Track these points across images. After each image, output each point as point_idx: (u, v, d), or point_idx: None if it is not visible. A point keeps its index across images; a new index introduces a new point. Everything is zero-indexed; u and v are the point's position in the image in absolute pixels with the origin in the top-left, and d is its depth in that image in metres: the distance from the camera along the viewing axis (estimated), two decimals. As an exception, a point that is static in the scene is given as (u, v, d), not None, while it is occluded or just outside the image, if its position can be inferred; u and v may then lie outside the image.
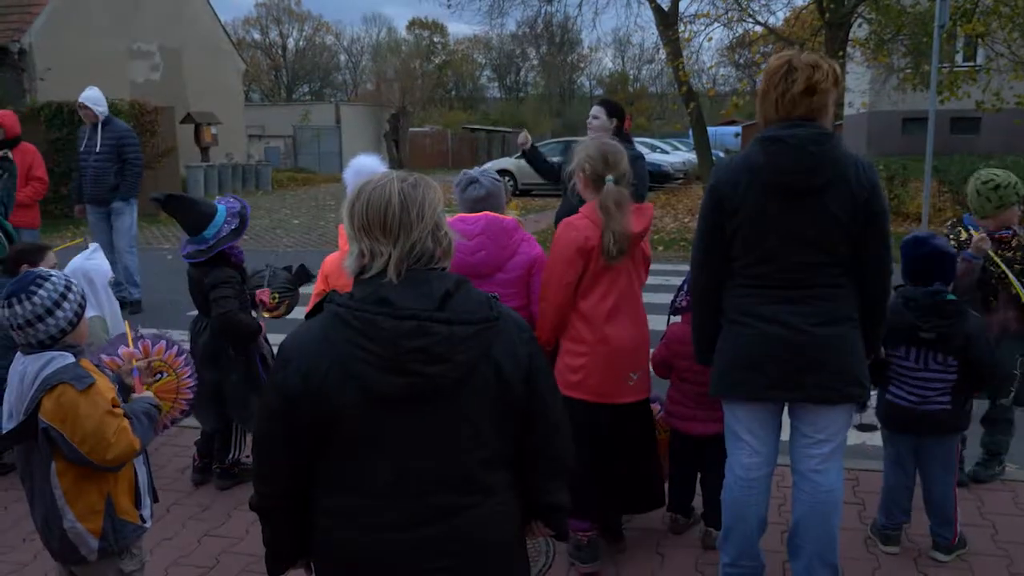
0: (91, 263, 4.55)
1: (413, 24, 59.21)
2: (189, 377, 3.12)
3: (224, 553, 3.53)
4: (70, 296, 2.51)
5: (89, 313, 2.84)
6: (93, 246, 4.96)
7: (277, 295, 4.28)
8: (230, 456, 4.17)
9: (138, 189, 8.15)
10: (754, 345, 2.77)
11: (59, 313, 2.46)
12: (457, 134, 40.32)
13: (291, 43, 58.85)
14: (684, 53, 17.95)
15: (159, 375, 2.99)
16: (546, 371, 1.90)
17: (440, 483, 1.76)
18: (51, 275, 2.53)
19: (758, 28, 17.24)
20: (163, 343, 2.99)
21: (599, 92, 56.73)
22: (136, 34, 20.55)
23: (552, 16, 25.41)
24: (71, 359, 2.48)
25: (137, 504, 2.66)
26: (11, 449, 4.47)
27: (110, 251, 7.67)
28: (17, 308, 2.42)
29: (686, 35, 17.41)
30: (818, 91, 2.66)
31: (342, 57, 62.70)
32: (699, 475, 3.59)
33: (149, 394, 2.76)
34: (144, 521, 2.69)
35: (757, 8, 17.21)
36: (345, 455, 1.77)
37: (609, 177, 3.13)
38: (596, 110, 4.92)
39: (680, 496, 3.63)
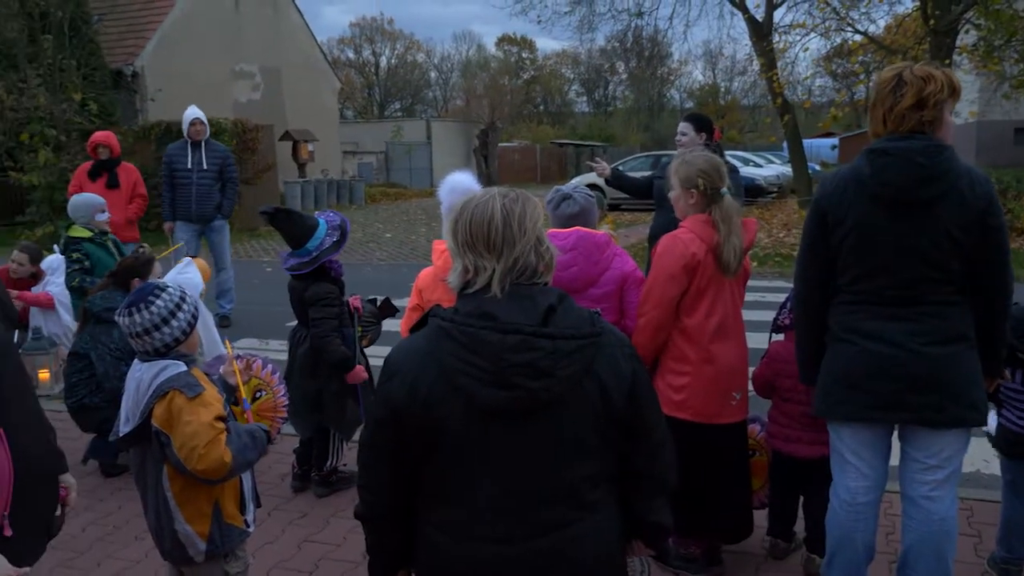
0: (183, 277, 4.76)
1: (502, 40, 59.93)
2: (283, 396, 3.21)
3: (324, 559, 3.61)
4: (184, 307, 2.63)
5: None
6: (185, 260, 5.19)
7: (360, 328, 4.35)
8: (328, 464, 4.26)
9: (234, 206, 8.45)
10: (857, 363, 2.67)
11: (173, 323, 2.58)
12: (545, 149, 40.49)
13: (383, 61, 60.33)
14: (779, 64, 17.59)
15: (259, 393, 3.05)
16: (649, 388, 1.88)
17: (543, 498, 1.76)
18: (167, 287, 2.66)
19: (857, 37, 16.72)
20: (259, 362, 3.10)
21: (689, 105, 56.14)
22: (239, 56, 21.43)
23: (642, 30, 25.24)
24: (183, 368, 2.59)
25: (242, 509, 2.75)
26: (126, 451, 4.71)
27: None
28: (136, 317, 2.55)
29: (781, 45, 17.07)
30: (929, 104, 2.56)
31: (432, 74, 63.92)
32: (801, 499, 3.48)
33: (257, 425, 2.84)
34: (248, 526, 2.78)
35: (856, 17, 16.73)
36: (449, 468, 1.78)
37: (723, 189, 3.09)
38: (683, 126, 4.87)
39: (781, 520, 3.51)
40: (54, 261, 5.58)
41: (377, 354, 4.05)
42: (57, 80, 16.16)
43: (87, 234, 5.64)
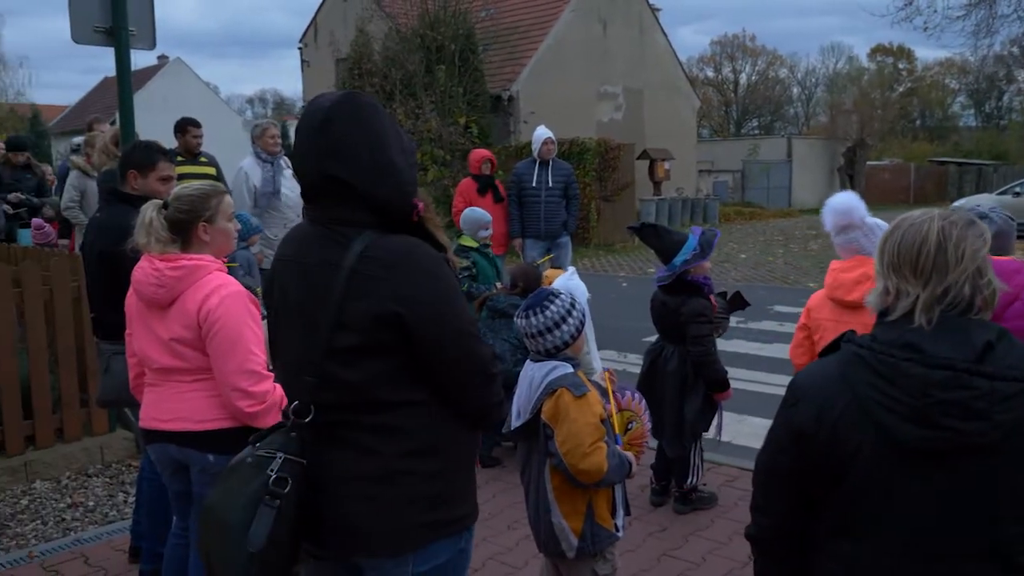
0: (572, 284, 5.03)
1: (875, 51, 55.85)
2: (648, 422, 3.25)
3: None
4: (574, 313, 2.80)
5: None
6: (571, 270, 5.48)
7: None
8: (688, 481, 4.25)
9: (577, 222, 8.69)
10: None
11: (564, 327, 2.76)
12: (921, 167, 36.91)
13: (743, 78, 59.30)
14: None
15: (630, 425, 3.13)
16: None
17: (960, 551, 1.58)
18: (560, 294, 2.85)
19: None
20: (630, 393, 3.17)
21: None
22: (604, 78, 22.39)
23: (1051, 31, 21.90)
24: (571, 369, 2.77)
25: (612, 513, 2.85)
26: (499, 445, 5.13)
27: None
28: (533, 319, 2.76)
29: None
30: None
31: (795, 90, 61.47)
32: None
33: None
34: (618, 530, 2.86)
35: None
36: (854, 501, 1.67)
37: None
38: None
39: None
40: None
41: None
42: (447, 105, 18.19)
43: (474, 244, 6.22)
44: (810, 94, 60.79)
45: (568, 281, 5.20)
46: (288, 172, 6.80)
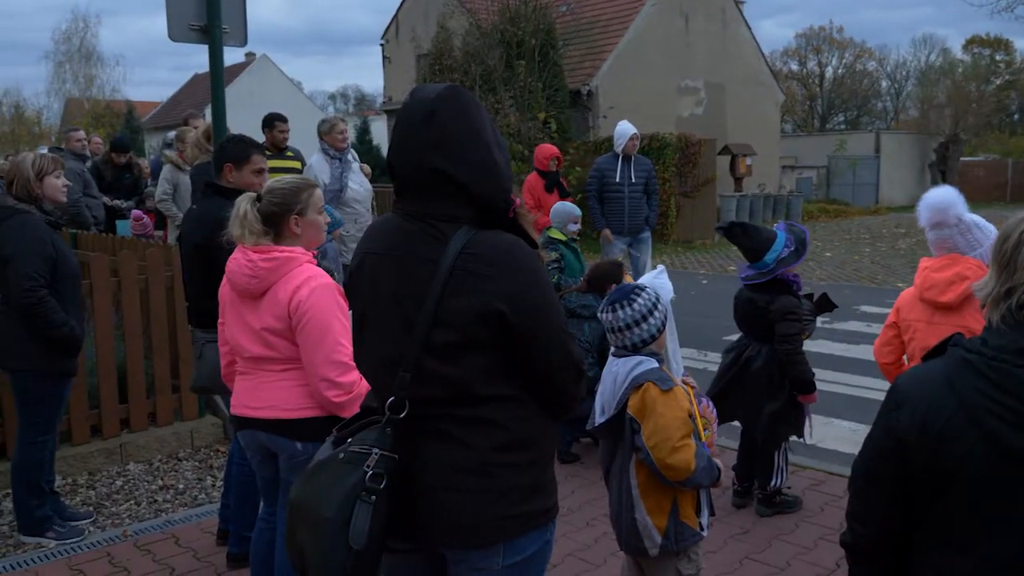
0: (658, 282, 4.96)
1: (971, 42, 53.48)
2: (716, 428, 3.20)
3: (764, 581, 3.53)
4: (658, 308, 2.78)
5: None
6: (660, 268, 5.40)
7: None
8: (772, 483, 4.15)
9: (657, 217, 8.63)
10: None
11: (651, 320, 2.74)
12: (1020, 163, 35.23)
13: (829, 71, 57.59)
14: None
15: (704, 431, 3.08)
16: None
17: None
18: (645, 288, 2.82)
19: None
20: (705, 401, 3.13)
21: None
22: (685, 72, 22.05)
23: None
24: (655, 364, 2.73)
25: (696, 512, 2.80)
26: (578, 441, 5.11)
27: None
28: (619, 313, 2.74)
29: None
30: None
31: (883, 83, 59.41)
32: None
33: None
34: (702, 529, 2.82)
35: None
36: (958, 512, 1.60)
37: None
38: None
39: None
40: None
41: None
42: (526, 101, 18.18)
43: (563, 237, 6.20)
44: (900, 87, 58.67)
45: (655, 279, 5.14)
46: (356, 167, 6.89)
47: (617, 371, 2.78)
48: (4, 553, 3.98)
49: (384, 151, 29.52)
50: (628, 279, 5.33)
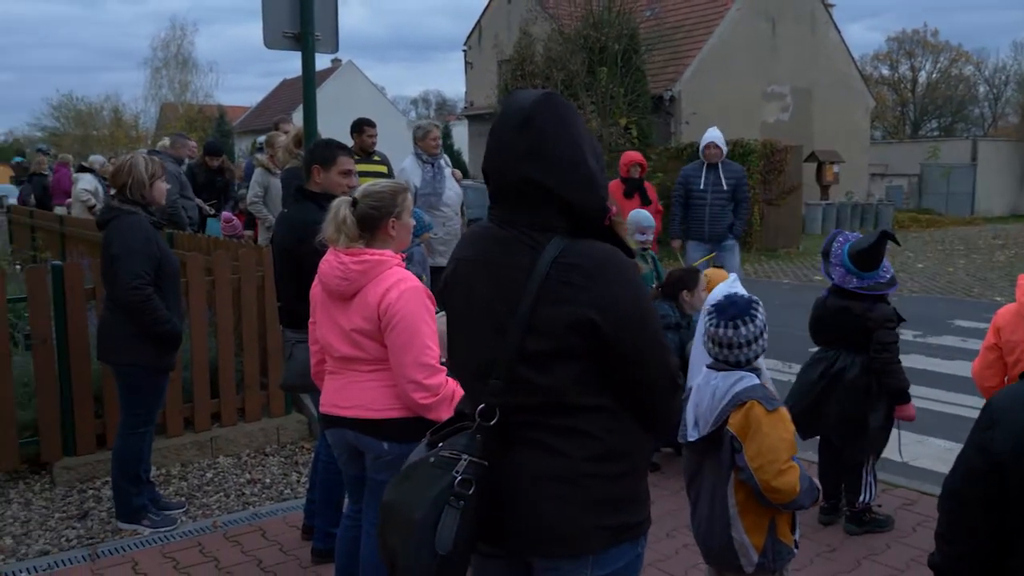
0: (734, 291, 4.87)
1: (1076, 46, 50.95)
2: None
3: (853, 602, 3.42)
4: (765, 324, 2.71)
5: None
6: (733, 276, 5.30)
7: None
8: (860, 500, 4.02)
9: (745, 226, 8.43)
10: None
11: (764, 337, 2.69)
12: None
13: (922, 76, 55.57)
14: None
15: None
16: None
17: None
18: (758, 301, 2.74)
19: None
20: None
21: None
22: (771, 77, 21.62)
23: None
24: (757, 380, 2.66)
25: (792, 530, 2.74)
26: (658, 450, 5.04)
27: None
28: (742, 329, 2.66)
29: None
30: None
31: (981, 88, 56.97)
32: None
33: None
34: (796, 546, 2.75)
35: None
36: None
37: None
38: None
39: None
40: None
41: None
42: (607, 106, 18.10)
43: (634, 245, 6.16)
44: (999, 93, 56.20)
45: (729, 288, 5.04)
46: (448, 171, 6.99)
47: (716, 385, 2.70)
48: (103, 538, 4.15)
49: (465, 155, 29.84)
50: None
